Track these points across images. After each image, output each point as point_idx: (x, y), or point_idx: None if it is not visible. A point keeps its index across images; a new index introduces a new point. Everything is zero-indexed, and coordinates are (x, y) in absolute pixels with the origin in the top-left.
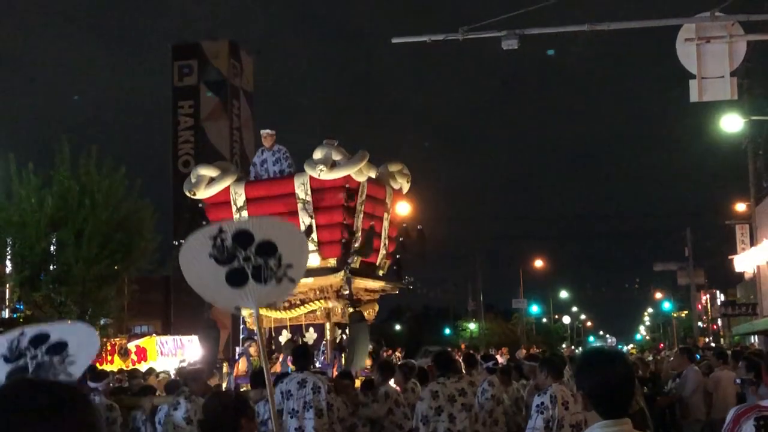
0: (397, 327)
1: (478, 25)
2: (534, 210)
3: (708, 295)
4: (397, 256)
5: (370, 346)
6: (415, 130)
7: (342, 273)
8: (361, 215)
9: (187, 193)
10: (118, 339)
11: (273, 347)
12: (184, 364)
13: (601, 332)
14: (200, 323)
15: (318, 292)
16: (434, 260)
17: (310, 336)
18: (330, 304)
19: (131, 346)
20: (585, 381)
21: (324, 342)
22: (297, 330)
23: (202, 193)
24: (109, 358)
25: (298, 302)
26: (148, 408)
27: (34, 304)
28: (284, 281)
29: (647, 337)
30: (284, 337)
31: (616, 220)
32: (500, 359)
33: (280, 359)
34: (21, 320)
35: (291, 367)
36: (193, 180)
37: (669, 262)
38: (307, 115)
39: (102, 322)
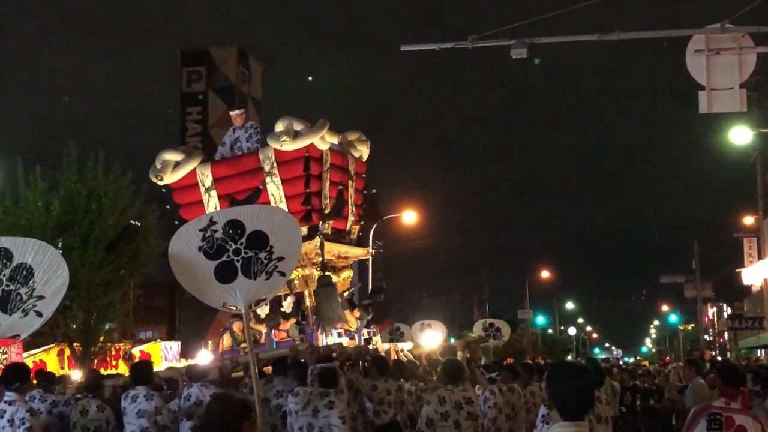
0: None
1: (488, 33)
2: (541, 221)
3: (715, 308)
4: (362, 222)
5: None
6: (422, 140)
7: (316, 238)
8: (327, 183)
9: (154, 179)
10: (122, 344)
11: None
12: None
13: (607, 344)
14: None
15: None
16: (440, 270)
17: (288, 305)
18: (307, 272)
19: (136, 351)
20: (553, 387)
21: (304, 308)
22: (277, 300)
23: (169, 178)
24: (114, 363)
25: None
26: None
27: None
28: (274, 275)
29: (653, 350)
30: (263, 310)
31: (624, 231)
32: None
33: (264, 331)
34: None
35: (276, 338)
36: (159, 166)
37: (676, 275)
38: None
39: (107, 326)
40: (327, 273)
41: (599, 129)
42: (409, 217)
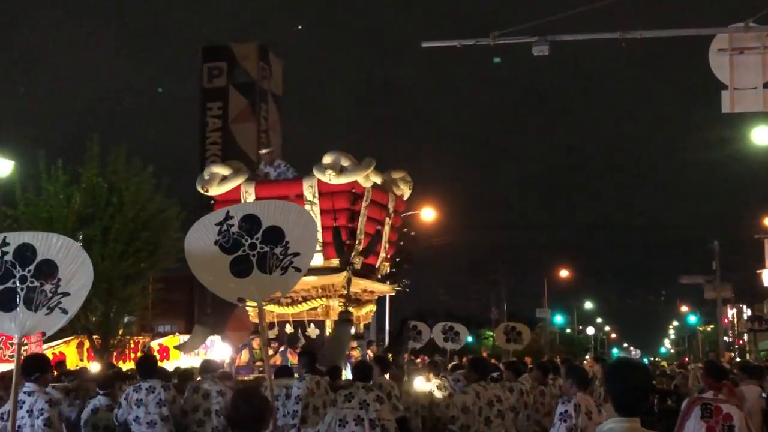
0: None
1: (509, 30)
2: (560, 219)
3: (735, 310)
4: (397, 260)
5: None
6: (441, 136)
7: (344, 273)
8: (365, 219)
9: (200, 189)
10: (141, 337)
11: (280, 340)
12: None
13: (625, 344)
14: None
15: (320, 290)
16: (458, 268)
17: (312, 331)
18: (331, 303)
19: (154, 344)
20: (609, 382)
21: (324, 337)
22: (299, 325)
23: (215, 190)
24: (132, 356)
25: (300, 299)
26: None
27: None
28: (290, 270)
29: (672, 351)
30: (288, 330)
31: (643, 231)
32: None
33: (280, 350)
34: None
35: (291, 359)
36: (206, 177)
37: (696, 275)
38: (333, 119)
39: (126, 319)
40: (349, 308)
41: (620, 127)
42: (428, 214)
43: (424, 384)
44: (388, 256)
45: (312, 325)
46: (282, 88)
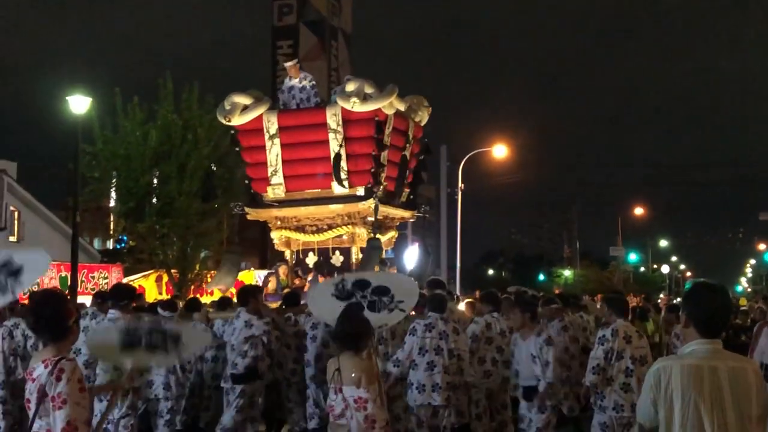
0: (490, 272)
1: None
2: (634, 156)
3: None
4: (414, 179)
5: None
6: (513, 74)
7: (370, 200)
8: (388, 146)
9: (221, 120)
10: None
11: (299, 269)
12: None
13: None
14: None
15: (345, 218)
16: (530, 206)
17: (337, 259)
18: (356, 230)
19: None
20: (689, 305)
21: (350, 264)
22: (323, 252)
23: (237, 120)
24: (209, 290)
25: (326, 227)
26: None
27: (137, 236)
28: (395, 311)
29: (748, 289)
30: (311, 259)
31: (721, 166)
32: (598, 305)
33: (309, 278)
34: (125, 252)
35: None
36: (227, 107)
37: None
38: (401, 58)
39: (202, 254)
40: (377, 236)
41: (696, 61)
42: (500, 151)
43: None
44: (408, 183)
45: (337, 252)
46: (351, 25)
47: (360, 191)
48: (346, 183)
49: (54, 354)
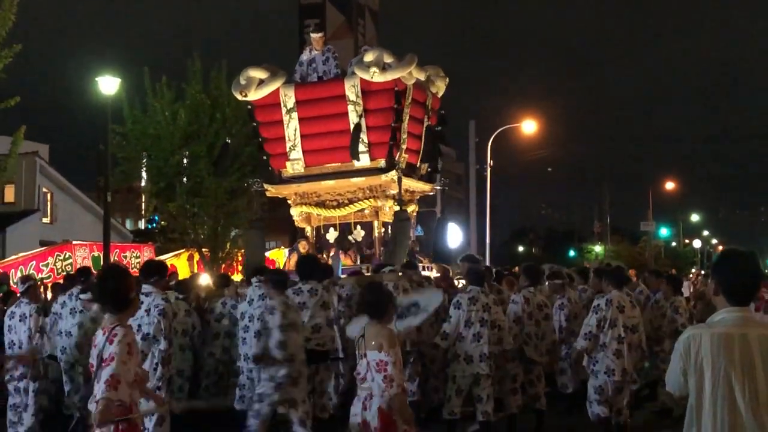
0: (520, 248)
1: None
2: (665, 131)
3: None
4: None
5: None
6: (541, 48)
7: (392, 172)
8: (408, 118)
9: (237, 95)
10: None
11: (320, 245)
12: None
13: None
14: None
15: (367, 191)
16: (560, 181)
17: (358, 233)
18: (378, 203)
19: None
20: (719, 272)
21: (372, 239)
22: (345, 228)
23: (253, 95)
24: (240, 267)
25: (347, 201)
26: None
27: (168, 215)
28: (420, 314)
29: None
30: (332, 235)
31: (752, 139)
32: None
33: (332, 253)
34: (157, 231)
35: (343, 262)
36: (243, 81)
37: None
38: (429, 33)
39: (233, 233)
40: (403, 208)
41: (728, 34)
42: (529, 126)
43: None
44: (427, 155)
45: (358, 227)
46: (378, 3)
47: (381, 163)
48: (363, 156)
49: (113, 323)
